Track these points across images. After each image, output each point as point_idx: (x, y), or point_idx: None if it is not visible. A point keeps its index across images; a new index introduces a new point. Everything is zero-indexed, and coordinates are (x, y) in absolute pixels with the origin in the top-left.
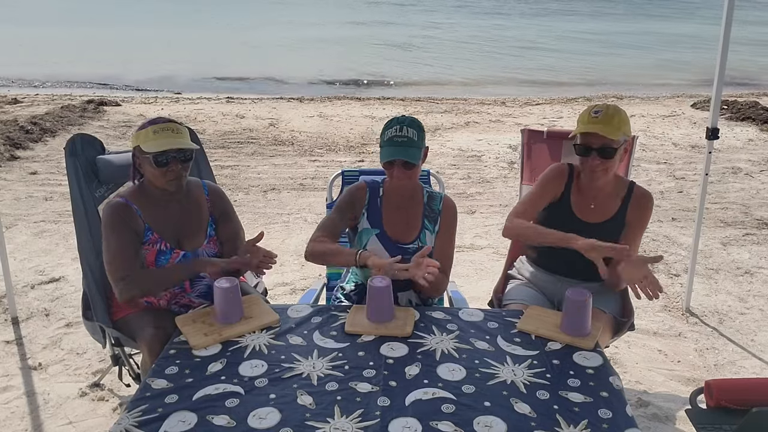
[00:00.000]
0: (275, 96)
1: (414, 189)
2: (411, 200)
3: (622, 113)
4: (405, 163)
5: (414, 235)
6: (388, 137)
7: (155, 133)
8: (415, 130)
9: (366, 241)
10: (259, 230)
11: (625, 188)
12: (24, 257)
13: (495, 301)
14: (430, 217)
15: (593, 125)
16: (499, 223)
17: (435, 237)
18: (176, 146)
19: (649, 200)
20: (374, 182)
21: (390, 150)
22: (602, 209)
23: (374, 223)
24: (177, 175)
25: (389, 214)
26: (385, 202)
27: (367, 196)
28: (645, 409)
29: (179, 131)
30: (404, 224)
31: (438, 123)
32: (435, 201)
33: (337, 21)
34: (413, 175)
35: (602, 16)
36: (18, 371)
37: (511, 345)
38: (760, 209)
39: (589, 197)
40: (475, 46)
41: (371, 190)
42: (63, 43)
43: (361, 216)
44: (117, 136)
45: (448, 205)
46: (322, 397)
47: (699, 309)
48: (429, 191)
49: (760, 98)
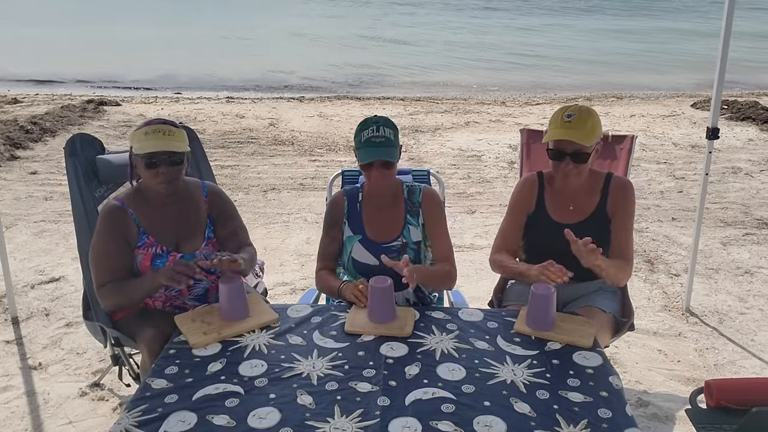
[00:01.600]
0: (275, 96)
1: (394, 187)
2: (392, 198)
3: (594, 115)
4: (384, 163)
5: (397, 232)
6: (366, 138)
7: (146, 134)
8: (391, 129)
9: (350, 249)
10: (259, 230)
11: (601, 181)
12: (24, 257)
13: (495, 301)
14: (412, 211)
15: (566, 131)
16: (500, 223)
17: (422, 230)
18: (165, 149)
19: (627, 188)
20: (353, 189)
21: (369, 151)
22: (581, 208)
23: (356, 230)
24: (167, 177)
25: (370, 217)
26: (365, 205)
27: (346, 205)
28: (645, 408)
29: (171, 133)
30: (386, 224)
31: (438, 123)
32: (415, 194)
33: (337, 21)
34: (392, 174)
35: (602, 15)
36: (18, 371)
37: (510, 345)
38: (760, 209)
39: (566, 199)
40: (475, 46)
41: (349, 197)
42: (63, 42)
43: (344, 225)
44: (117, 136)
45: (427, 195)
46: (322, 397)
47: (699, 309)
48: (408, 185)
49: (760, 98)
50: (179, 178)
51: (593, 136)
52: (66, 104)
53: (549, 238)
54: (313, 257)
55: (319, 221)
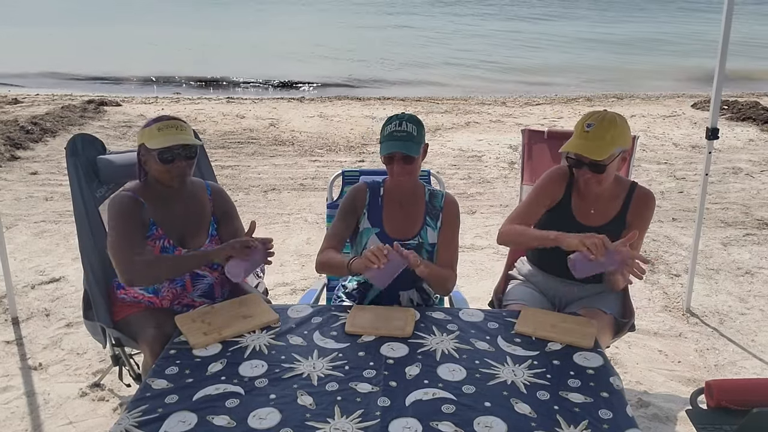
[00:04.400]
0: (275, 96)
1: (415, 187)
2: (413, 197)
3: (618, 125)
4: (404, 157)
5: (415, 230)
6: (388, 132)
7: (160, 130)
8: (415, 125)
9: (366, 240)
10: (260, 230)
11: (626, 189)
12: (24, 257)
13: (495, 302)
14: (432, 214)
15: (582, 142)
16: (500, 224)
17: (438, 233)
18: (181, 142)
19: (650, 200)
20: (374, 182)
21: (390, 144)
22: (603, 212)
23: (374, 222)
24: (181, 171)
25: (390, 212)
26: (386, 200)
27: (368, 196)
28: (645, 409)
29: (183, 128)
30: (405, 221)
31: (438, 123)
32: (437, 198)
33: (338, 21)
34: (413, 170)
35: (602, 14)
36: (18, 371)
37: (511, 345)
38: (760, 209)
39: (590, 201)
40: (475, 46)
41: (371, 190)
42: (63, 42)
43: (362, 216)
44: (117, 136)
45: (450, 201)
46: (322, 398)
47: (699, 309)
48: (431, 189)
49: (760, 98)
50: (190, 173)
51: (612, 147)
52: (66, 104)
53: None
54: (313, 257)
55: (320, 221)
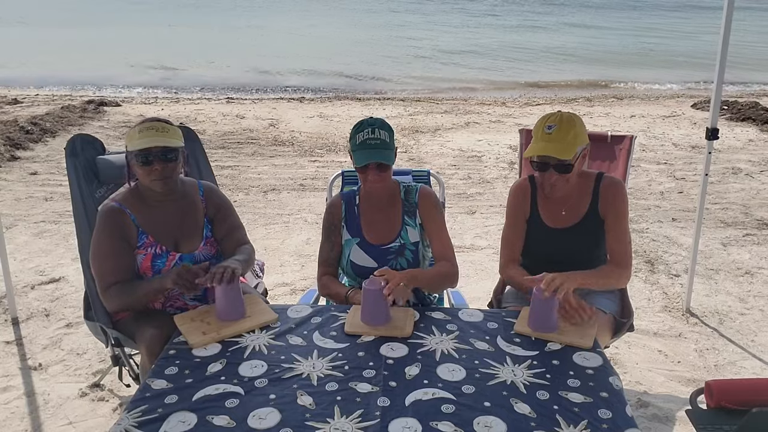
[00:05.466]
0: (275, 96)
1: (391, 189)
2: (389, 200)
3: (577, 124)
4: (380, 165)
5: (394, 234)
6: (361, 141)
7: (140, 132)
8: (387, 131)
9: (349, 252)
10: (259, 230)
11: (592, 182)
12: (24, 257)
13: (494, 302)
14: (409, 212)
15: (546, 144)
16: (499, 224)
17: (419, 230)
18: (159, 144)
19: (617, 187)
20: (350, 192)
21: (365, 153)
22: (574, 211)
23: (354, 233)
24: (161, 174)
25: (368, 219)
26: (362, 208)
27: (343, 209)
28: (645, 409)
29: (165, 130)
30: (384, 225)
31: (438, 123)
32: (411, 194)
33: (338, 21)
34: (387, 177)
35: (601, 14)
36: (18, 371)
37: (510, 345)
38: (760, 210)
39: (559, 204)
40: (475, 46)
41: (346, 201)
42: (63, 43)
43: (342, 228)
44: (117, 137)
45: (423, 194)
46: (321, 398)
47: (699, 309)
48: (405, 185)
49: (760, 98)
50: (174, 176)
51: (575, 147)
52: (66, 105)
53: (544, 244)
54: (313, 258)
55: (319, 222)
